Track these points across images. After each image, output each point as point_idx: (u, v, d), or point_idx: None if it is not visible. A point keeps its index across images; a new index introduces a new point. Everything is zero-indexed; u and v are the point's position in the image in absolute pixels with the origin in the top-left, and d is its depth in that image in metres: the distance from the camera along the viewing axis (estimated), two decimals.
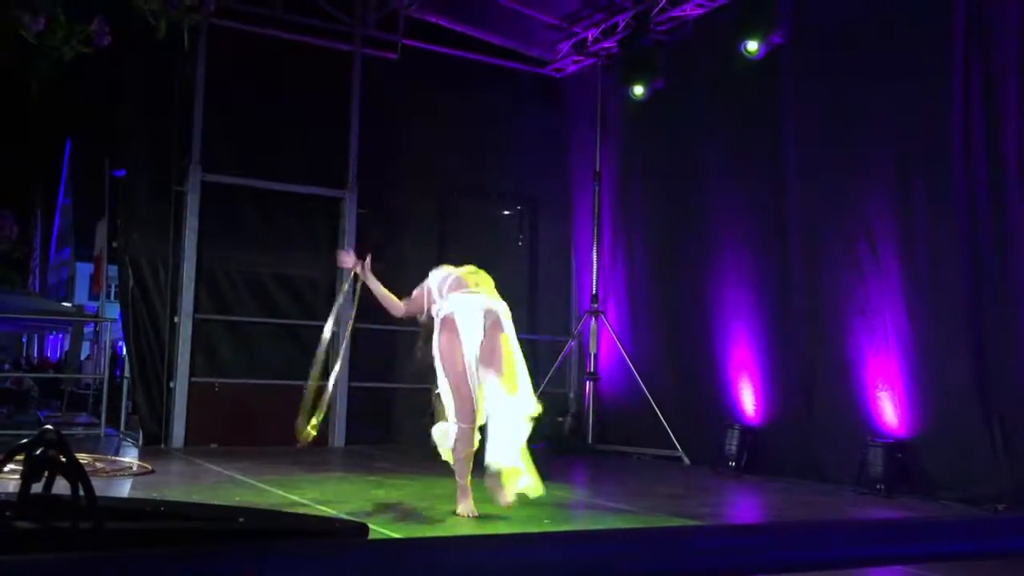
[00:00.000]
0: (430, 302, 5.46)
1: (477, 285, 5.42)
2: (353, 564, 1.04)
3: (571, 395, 10.94)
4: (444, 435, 5.36)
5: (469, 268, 5.57)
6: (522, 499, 5.28)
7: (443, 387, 5.31)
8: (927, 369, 7.12)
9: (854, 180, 7.77)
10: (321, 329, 10.03)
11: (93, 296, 28.04)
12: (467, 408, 5.21)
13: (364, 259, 5.63)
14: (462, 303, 5.31)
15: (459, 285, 5.39)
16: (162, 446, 8.96)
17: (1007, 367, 6.63)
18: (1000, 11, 6.81)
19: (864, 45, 7.72)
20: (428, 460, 8.30)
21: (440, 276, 5.51)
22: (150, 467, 7.16)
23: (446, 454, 5.39)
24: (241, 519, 1.44)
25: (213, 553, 0.97)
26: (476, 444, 5.29)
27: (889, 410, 7.33)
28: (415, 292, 5.58)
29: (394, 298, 5.60)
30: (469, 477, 5.31)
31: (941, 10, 7.08)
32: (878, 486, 7.02)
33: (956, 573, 4.14)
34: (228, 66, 9.51)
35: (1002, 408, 6.62)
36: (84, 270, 31.76)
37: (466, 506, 5.30)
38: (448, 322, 5.30)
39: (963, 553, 1.53)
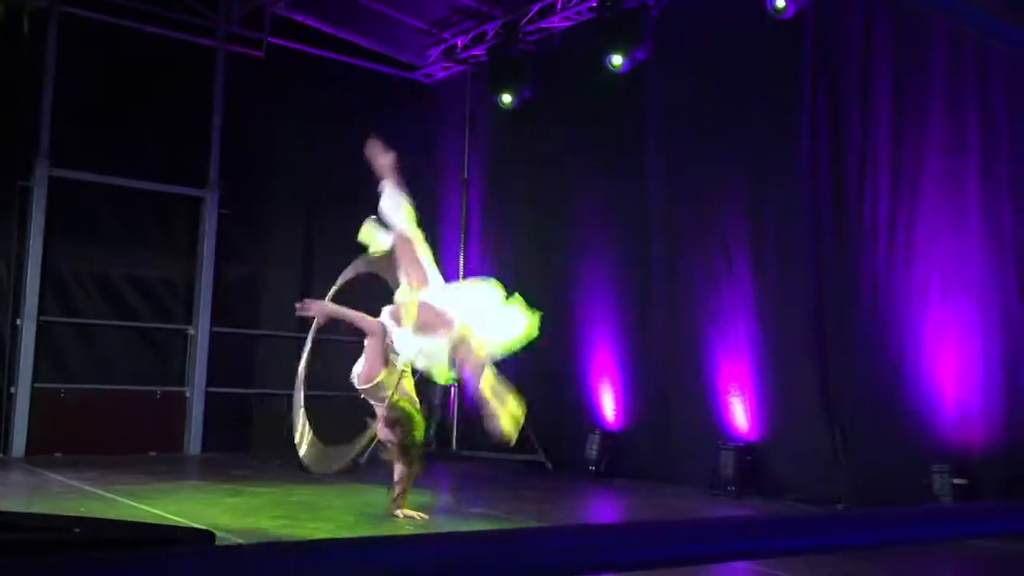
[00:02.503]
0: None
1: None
2: (194, 571, 1.01)
3: (436, 402, 10.91)
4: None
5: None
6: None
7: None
8: (775, 375, 7.47)
9: (712, 193, 8.09)
10: (176, 332, 9.74)
11: None
12: None
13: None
14: None
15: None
16: (0, 455, 8.44)
17: (847, 373, 7.03)
18: (844, 39, 7.24)
19: (721, 64, 8.06)
20: (287, 468, 8.14)
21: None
22: None
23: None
24: (77, 529, 1.37)
25: (38, 565, 0.92)
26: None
27: (740, 414, 7.65)
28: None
29: (368, 318, 5.56)
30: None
31: (792, 36, 7.47)
32: (729, 487, 7.31)
33: (795, 569, 4.36)
34: (82, 56, 9.05)
35: (842, 412, 7.02)
36: None
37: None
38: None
39: (802, 548, 1.61)
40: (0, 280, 8.72)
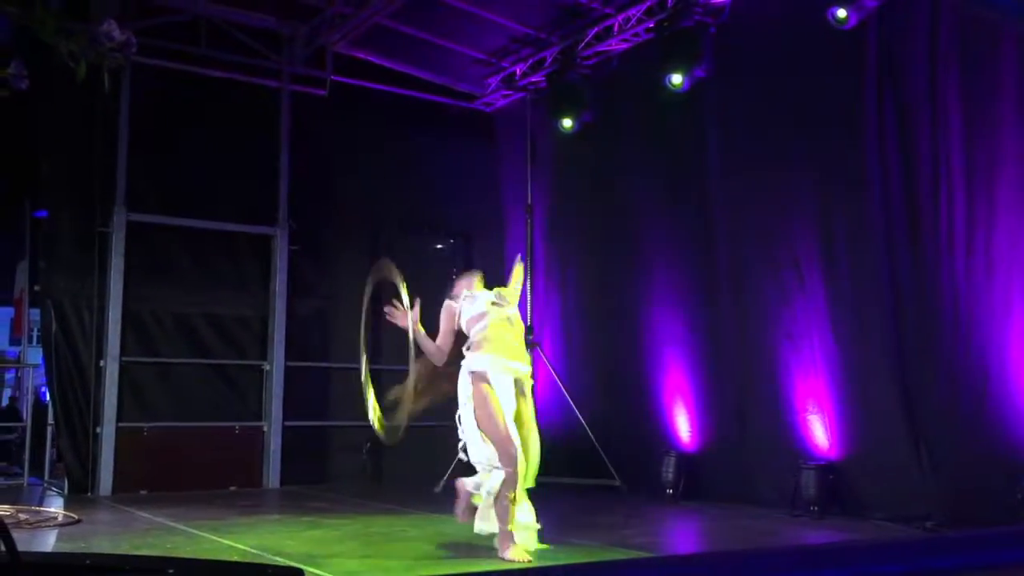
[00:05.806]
0: (456, 326, 5.66)
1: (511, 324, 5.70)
2: None
3: None
4: (478, 483, 5.39)
5: (501, 301, 5.76)
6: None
7: (473, 436, 5.31)
8: (854, 390, 7.29)
9: (778, 208, 7.97)
10: (251, 368, 9.92)
11: (14, 341, 27.10)
12: (511, 452, 5.20)
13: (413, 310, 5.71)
14: (497, 368, 5.45)
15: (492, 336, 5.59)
16: (89, 494, 8.67)
17: (930, 386, 6.83)
18: (909, 45, 7.09)
19: (783, 77, 7.96)
20: (364, 499, 8.21)
21: (473, 309, 5.68)
22: (76, 517, 6.93)
23: (480, 501, 5.41)
24: (171, 571, 1.41)
25: None
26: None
27: (819, 433, 7.48)
28: (443, 325, 5.71)
29: (435, 345, 5.65)
30: (512, 522, 5.24)
31: (854, 44, 7.35)
32: (812, 508, 7.14)
33: None
34: (153, 104, 9.35)
35: (926, 428, 6.81)
36: (4, 314, 30.73)
37: (514, 550, 5.17)
38: (481, 377, 5.39)
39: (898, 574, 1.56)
40: (84, 323, 9.01)
